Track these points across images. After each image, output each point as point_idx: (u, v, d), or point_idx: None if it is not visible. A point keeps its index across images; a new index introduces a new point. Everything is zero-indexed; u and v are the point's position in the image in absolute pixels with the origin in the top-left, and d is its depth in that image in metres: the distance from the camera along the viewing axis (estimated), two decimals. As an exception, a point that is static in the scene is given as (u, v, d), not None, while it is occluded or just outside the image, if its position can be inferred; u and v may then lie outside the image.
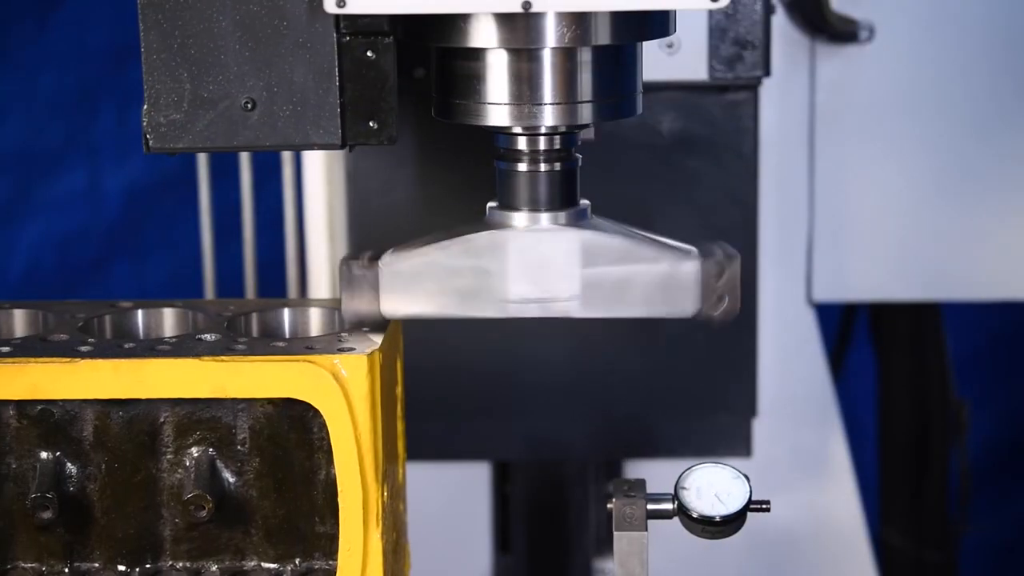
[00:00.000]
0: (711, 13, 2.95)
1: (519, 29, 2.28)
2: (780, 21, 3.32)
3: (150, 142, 2.36)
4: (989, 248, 3.46)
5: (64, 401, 2.34)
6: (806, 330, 3.51)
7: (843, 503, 3.49)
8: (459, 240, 2.39)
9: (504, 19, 2.27)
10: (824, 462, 3.50)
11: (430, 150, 3.10)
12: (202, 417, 2.36)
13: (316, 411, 2.32)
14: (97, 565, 2.40)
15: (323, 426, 2.33)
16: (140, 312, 2.56)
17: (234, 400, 2.34)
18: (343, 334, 2.40)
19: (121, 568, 2.40)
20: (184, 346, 2.37)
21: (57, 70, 4.60)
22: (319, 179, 3.25)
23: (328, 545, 2.39)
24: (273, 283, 3.88)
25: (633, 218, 2.51)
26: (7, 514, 2.39)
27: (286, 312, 2.55)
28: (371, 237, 3.14)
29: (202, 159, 3.79)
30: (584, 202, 2.44)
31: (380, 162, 3.11)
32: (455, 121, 2.40)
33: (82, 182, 4.67)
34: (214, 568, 2.41)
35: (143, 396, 2.32)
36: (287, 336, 2.53)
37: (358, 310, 2.39)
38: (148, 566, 2.40)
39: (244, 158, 3.74)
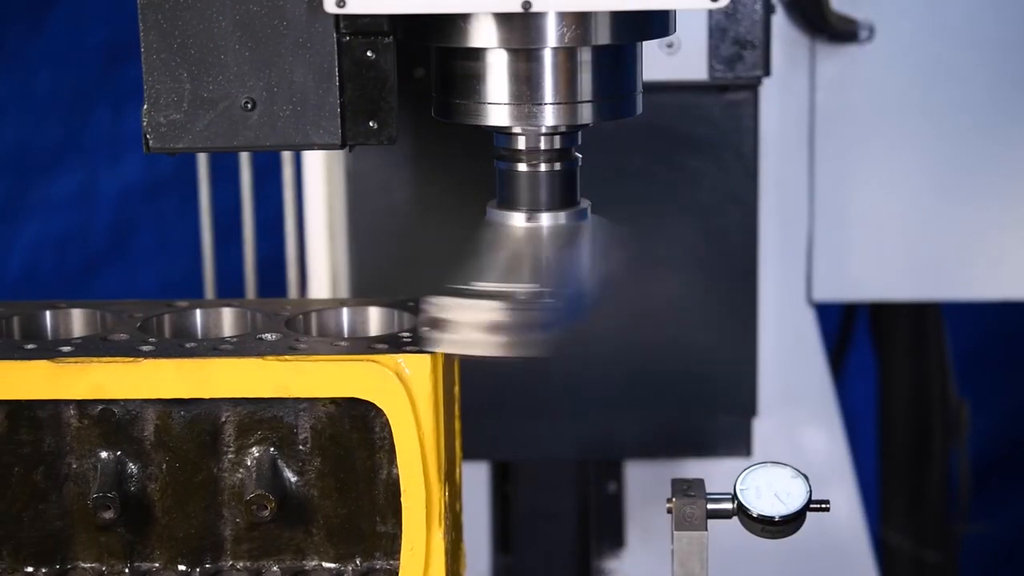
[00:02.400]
0: (711, 13, 2.94)
1: (519, 29, 2.28)
2: (780, 21, 3.32)
3: (150, 142, 2.36)
4: (989, 248, 3.46)
5: (125, 401, 2.35)
6: (806, 330, 3.51)
7: (843, 503, 3.48)
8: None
9: (504, 19, 2.27)
10: (824, 462, 3.50)
11: (430, 150, 3.10)
12: (263, 417, 2.36)
13: (378, 410, 2.32)
14: (157, 565, 2.40)
15: (385, 425, 2.33)
16: (198, 312, 2.56)
17: (296, 399, 2.34)
18: (404, 333, 2.40)
19: (181, 568, 2.40)
20: (246, 346, 2.37)
21: (53, 70, 4.60)
22: (319, 179, 3.24)
23: (389, 545, 2.39)
24: (273, 283, 3.87)
25: (633, 218, 2.50)
26: (67, 514, 2.39)
27: (344, 312, 2.55)
28: (371, 237, 3.14)
29: (202, 159, 3.79)
30: (584, 201, 2.44)
31: (380, 162, 3.11)
32: (455, 121, 2.39)
33: (79, 182, 4.66)
34: (275, 568, 2.41)
35: (206, 396, 2.32)
36: (345, 336, 2.52)
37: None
38: (208, 566, 2.41)
39: (244, 158, 3.73)
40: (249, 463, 2.37)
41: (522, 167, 2.40)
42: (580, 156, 2.43)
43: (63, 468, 2.38)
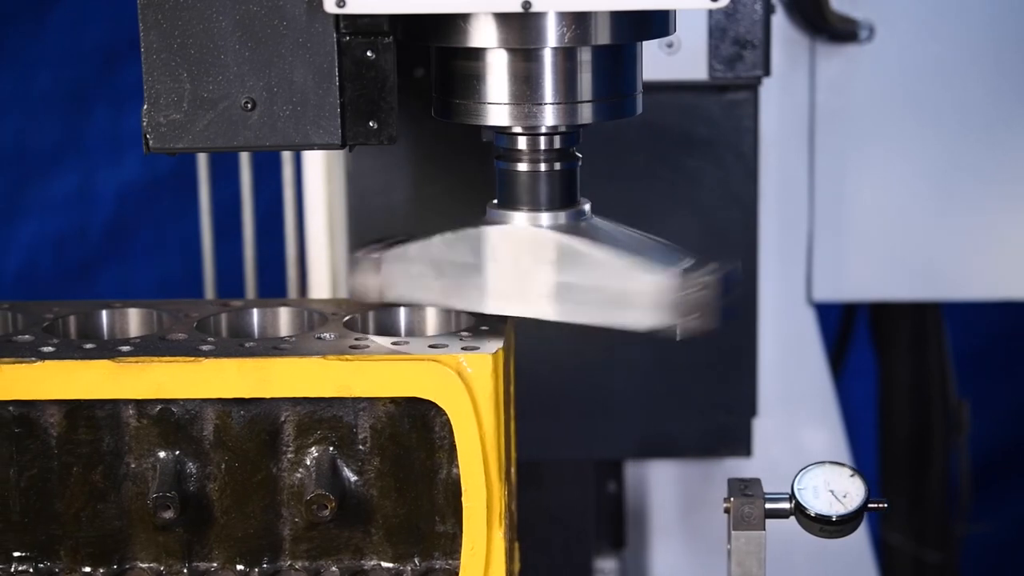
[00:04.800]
0: (711, 13, 2.94)
1: (519, 29, 2.28)
2: (780, 21, 3.32)
3: (150, 142, 2.35)
4: (989, 248, 3.46)
5: (185, 400, 2.34)
6: (806, 330, 3.51)
7: (843, 503, 3.48)
8: (449, 234, 2.41)
9: (504, 19, 2.27)
10: (824, 462, 3.49)
11: (429, 150, 3.10)
12: (323, 416, 2.36)
13: (438, 410, 2.32)
14: (215, 565, 2.40)
15: (444, 425, 2.33)
16: (255, 311, 2.56)
17: (355, 399, 2.34)
18: (463, 333, 2.40)
19: (240, 568, 2.40)
20: (306, 345, 2.37)
21: (53, 70, 4.60)
22: (319, 179, 3.24)
23: (448, 545, 2.39)
24: (273, 283, 3.87)
25: (633, 218, 2.50)
26: (126, 514, 2.39)
27: (401, 312, 2.54)
28: (371, 237, 3.14)
29: (202, 159, 3.79)
30: (584, 201, 2.44)
31: (380, 162, 3.11)
32: (455, 121, 2.39)
33: (77, 182, 4.66)
34: (333, 568, 2.40)
35: (267, 395, 2.32)
36: (402, 335, 2.52)
37: (360, 290, 2.46)
38: (266, 566, 2.40)
39: (244, 158, 3.73)
40: (308, 463, 2.36)
41: (522, 167, 2.40)
42: (580, 156, 2.43)
43: (122, 468, 2.38)
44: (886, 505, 2.41)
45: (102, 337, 2.54)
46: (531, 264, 2.38)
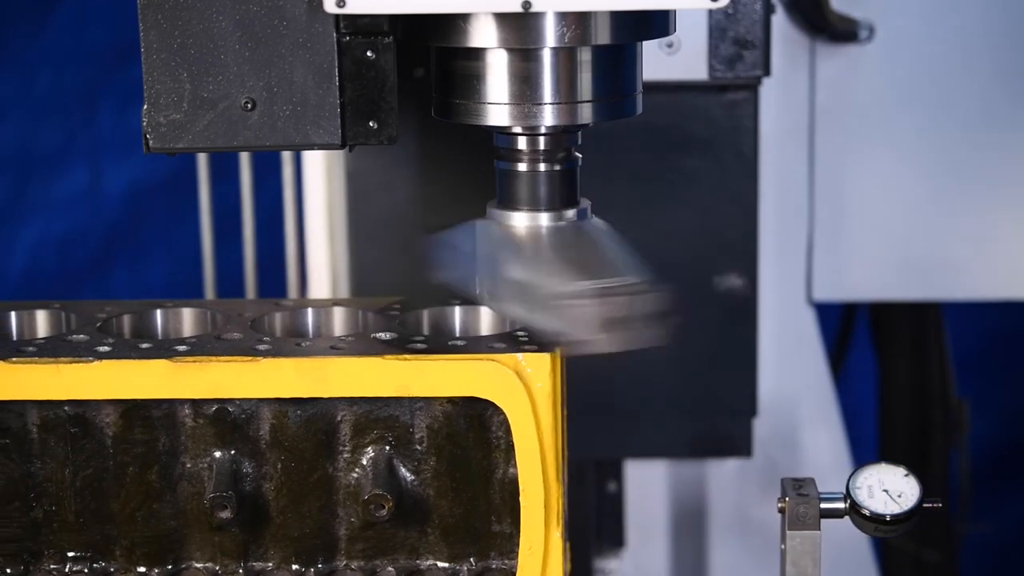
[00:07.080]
0: (711, 13, 2.95)
1: (519, 29, 2.28)
2: (780, 21, 3.32)
3: (150, 142, 2.36)
4: (989, 248, 3.46)
5: (241, 400, 2.34)
6: (806, 330, 3.51)
7: (843, 503, 3.48)
8: (465, 225, 2.42)
9: (504, 19, 2.27)
10: (824, 462, 3.50)
11: (429, 150, 3.10)
12: (380, 416, 2.35)
13: (495, 409, 2.32)
14: (271, 565, 2.40)
15: (501, 424, 2.33)
16: (308, 311, 2.56)
17: (412, 399, 2.34)
18: (519, 333, 2.40)
19: (295, 567, 2.40)
20: (362, 345, 2.36)
21: (56, 70, 4.60)
22: (319, 179, 3.24)
23: (504, 545, 2.39)
24: (273, 283, 3.87)
25: (633, 218, 2.51)
26: (181, 514, 2.39)
27: (456, 311, 2.55)
28: (371, 237, 3.15)
29: (202, 159, 3.79)
30: (585, 202, 2.44)
31: (380, 162, 3.11)
32: (455, 121, 2.40)
33: (81, 182, 4.66)
34: (389, 568, 2.40)
35: (325, 395, 2.32)
36: (457, 335, 2.52)
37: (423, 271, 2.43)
38: (322, 566, 2.40)
39: (244, 158, 3.74)
40: (365, 462, 2.36)
41: (522, 167, 2.40)
42: (580, 156, 2.44)
43: (177, 468, 2.38)
44: (940, 504, 2.42)
45: (156, 337, 2.54)
46: (501, 262, 2.38)
